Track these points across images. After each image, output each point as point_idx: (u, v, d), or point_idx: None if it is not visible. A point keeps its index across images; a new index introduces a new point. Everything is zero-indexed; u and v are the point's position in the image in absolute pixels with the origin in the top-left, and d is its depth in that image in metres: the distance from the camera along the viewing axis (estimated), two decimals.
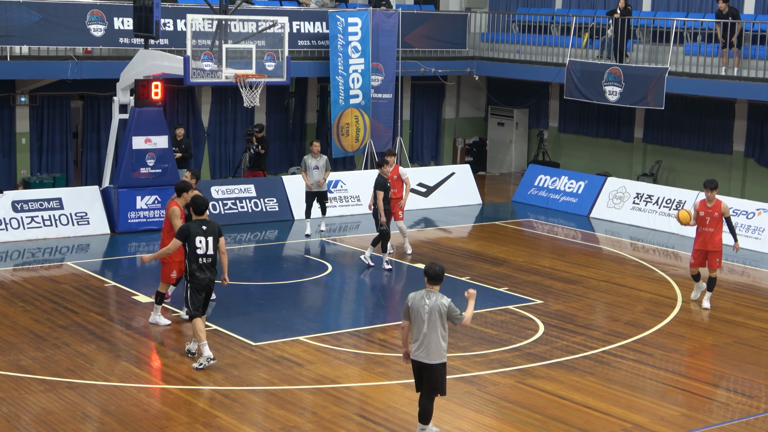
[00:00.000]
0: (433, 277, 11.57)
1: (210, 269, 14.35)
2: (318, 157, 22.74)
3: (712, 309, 17.97)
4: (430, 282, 11.59)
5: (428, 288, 11.60)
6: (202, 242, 14.24)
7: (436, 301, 11.48)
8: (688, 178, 27.58)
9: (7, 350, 14.86)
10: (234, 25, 22.53)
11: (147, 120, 22.35)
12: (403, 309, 11.70)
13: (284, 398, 13.35)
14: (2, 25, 23.16)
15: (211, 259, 14.33)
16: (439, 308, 11.46)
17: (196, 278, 14.29)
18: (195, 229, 14.24)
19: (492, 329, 16.46)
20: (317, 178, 22.55)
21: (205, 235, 14.25)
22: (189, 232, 14.18)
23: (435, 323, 11.47)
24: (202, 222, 14.35)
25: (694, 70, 25.54)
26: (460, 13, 31.17)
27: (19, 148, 25.65)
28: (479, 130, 33.37)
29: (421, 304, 11.50)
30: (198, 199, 14.50)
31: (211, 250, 14.29)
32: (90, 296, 17.38)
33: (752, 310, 18.09)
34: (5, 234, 21.45)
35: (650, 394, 13.93)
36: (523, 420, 12.90)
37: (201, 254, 14.24)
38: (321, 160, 22.74)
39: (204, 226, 14.30)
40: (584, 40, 28.15)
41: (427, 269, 11.63)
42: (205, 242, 14.24)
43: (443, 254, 21.42)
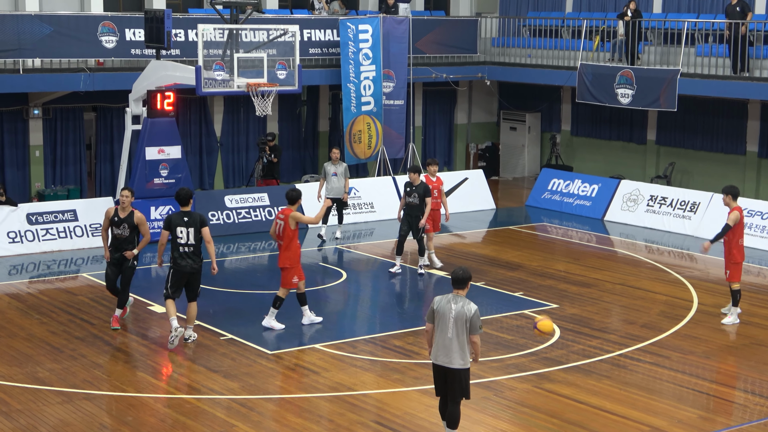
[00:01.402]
0: (458, 281, 11.54)
1: (191, 257, 15.43)
2: (337, 164, 22.91)
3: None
4: (456, 286, 11.56)
5: (455, 292, 11.56)
6: (183, 232, 15.36)
7: (463, 306, 11.43)
8: (702, 179, 27.53)
9: (24, 362, 14.91)
10: (245, 35, 22.59)
11: (160, 130, 22.40)
12: (428, 312, 11.67)
13: (301, 406, 13.36)
14: (14, 38, 23.26)
15: (193, 248, 15.40)
16: (466, 314, 11.41)
17: (178, 265, 15.45)
18: (177, 219, 15.43)
19: (508, 334, 16.44)
20: (336, 185, 22.63)
21: (186, 225, 15.35)
22: (171, 222, 15.41)
23: (461, 328, 11.43)
24: (184, 213, 15.46)
25: (706, 71, 25.50)
26: (470, 19, 31.17)
27: (33, 161, 25.73)
28: (492, 134, 33.35)
29: (447, 308, 11.45)
30: (181, 191, 15.57)
31: (192, 240, 15.36)
32: (106, 307, 17.42)
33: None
34: (20, 246, 21.51)
35: (667, 396, 13.90)
36: (541, 425, 12.89)
37: (182, 243, 15.37)
38: (340, 167, 22.87)
39: (186, 218, 15.40)
40: (595, 43, 28.13)
41: (453, 273, 11.63)
42: (186, 232, 15.36)
43: (458, 260, 21.41)
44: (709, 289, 19.42)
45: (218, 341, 15.97)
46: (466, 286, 11.58)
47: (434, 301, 11.61)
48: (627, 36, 26.86)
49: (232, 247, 22.61)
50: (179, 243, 15.35)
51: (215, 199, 23.92)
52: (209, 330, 16.47)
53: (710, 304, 18.34)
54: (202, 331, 16.38)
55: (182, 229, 15.38)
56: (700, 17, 26.92)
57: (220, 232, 23.35)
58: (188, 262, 15.43)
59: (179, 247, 15.37)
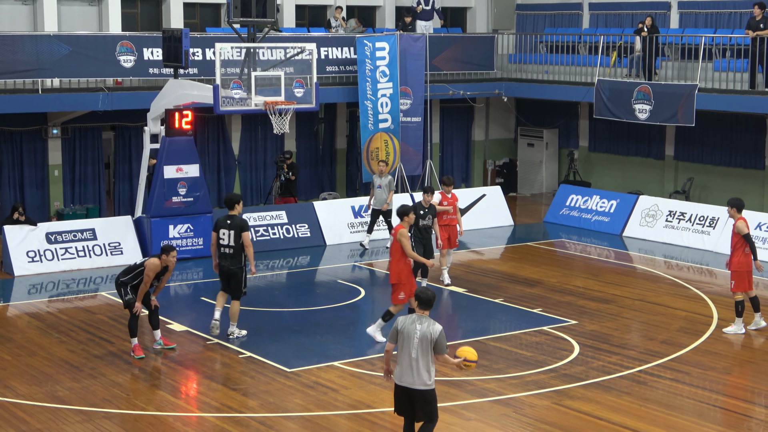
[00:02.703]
0: (425, 302, 11.30)
1: (229, 259, 16.57)
2: (383, 177, 23.36)
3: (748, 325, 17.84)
4: (421, 307, 11.32)
5: (419, 313, 11.34)
6: (225, 234, 16.55)
7: (428, 327, 11.20)
8: (721, 194, 27.39)
9: (43, 381, 14.95)
10: (262, 53, 22.68)
11: (178, 149, 22.48)
12: (390, 332, 11.41)
13: (320, 424, 13.34)
14: (33, 58, 23.39)
15: (232, 250, 16.52)
16: (431, 334, 11.18)
17: (220, 264, 16.68)
18: (222, 222, 16.67)
19: (527, 351, 16.40)
20: (380, 196, 22.80)
21: (229, 228, 16.53)
22: (217, 224, 16.68)
23: (426, 349, 11.20)
24: (228, 217, 16.65)
25: (723, 86, 25.45)
26: (487, 35, 31.20)
27: (51, 180, 25.84)
28: (509, 151, 33.34)
29: (412, 329, 11.21)
30: (228, 195, 17.08)
31: (232, 242, 16.49)
32: (125, 326, 17.39)
33: None
34: (40, 266, 21.59)
35: (688, 413, 13.84)
36: None
37: (223, 244, 16.55)
38: (385, 179, 23.26)
39: (229, 221, 16.59)
40: (612, 58, 28.12)
41: (419, 294, 11.37)
42: (228, 234, 16.51)
43: (476, 276, 21.40)
44: (729, 304, 19.29)
45: (237, 359, 15.99)
46: (431, 307, 11.36)
47: (397, 322, 11.35)
48: (644, 51, 26.84)
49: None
50: (221, 244, 16.57)
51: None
52: (228, 348, 16.49)
53: (730, 319, 18.23)
54: (220, 350, 16.42)
55: (224, 231, 16.58)
56: (717, 32, 26.89)
57: None
58: (227, 263, 16.60)
59: (221, 248, 16.60)
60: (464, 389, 14.63)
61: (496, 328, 17.88)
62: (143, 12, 27.75)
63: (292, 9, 29.40)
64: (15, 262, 21.45)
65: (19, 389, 14.61)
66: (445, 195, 20.66)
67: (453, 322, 18.50)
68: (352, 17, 30.11)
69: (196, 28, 27.72)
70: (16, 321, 18.33)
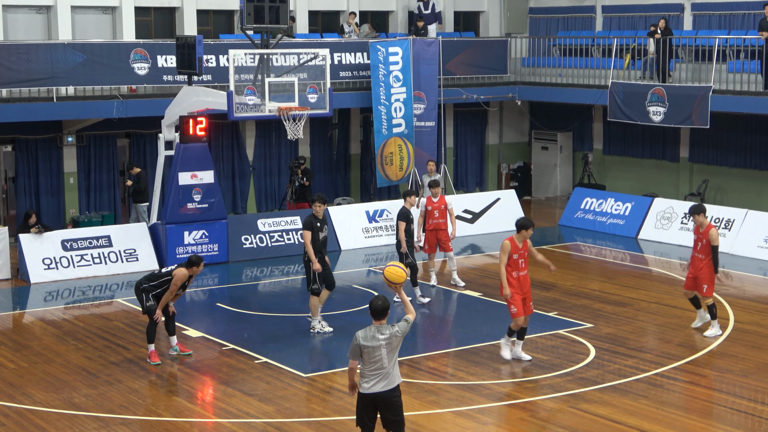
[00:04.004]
0: (378, 312, 11.16)
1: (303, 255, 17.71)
2: (433, 176, 23.46)
3: (765, 327, 17.81)
4: (377, 317, 11.18)
5: (375, 324, 11.19)
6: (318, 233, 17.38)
7: (392, 330, 11.12)
8: (736, 196, 27.39)
9: (60, 388, 15.01)
10: (276, 59, 22.75)
11: (192, 156, 22.54)
12: (351, 348, 11.23)
13: (336, 429, 13.36)
14: (48, 66, 23.50)
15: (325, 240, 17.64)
16: (398, 333, 11.13)
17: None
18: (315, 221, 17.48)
19: (543, 354, 16.39)
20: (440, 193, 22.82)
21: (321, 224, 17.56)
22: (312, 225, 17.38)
23: (394, 351, 11.17)
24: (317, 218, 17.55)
25: (738, 88, 25.41)
26: (500, 39, 31.23)
27: (67, 188, 25.94)
28: (523, 154, 33.35)
29: (374, 341, 11.09)
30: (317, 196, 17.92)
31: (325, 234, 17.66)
32: (141, 332, 17.48)
33: None
34: (55, 273, 21.68)
35: (705, 415, 13.83)
36: None
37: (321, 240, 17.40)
38: (436, 177, 23.33)
39: (318, 223, 17.49)
40: (626, 61, 28.11)
41: (370, 304, 11.22)
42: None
43: (491, 280, 21.39)
44: (745, 306, 19.30)
45: (253, 365, 16.02)
46: (385, 315, 11.20)
47: (357, 337, 11.17)
48: (658, 53, 26.82)
49: (266, 271, 22.69)
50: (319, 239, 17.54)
51: (248, 223, 24.01)
52: (244, 354, 16.53)
53: (747, 321, 18.23)
54: (236, 355, 16.45)
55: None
56: (731, 33, 26.85)
57: (253, 256, 23.45)
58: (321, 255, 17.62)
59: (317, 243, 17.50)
60: (480, 393, 14.64)
61: None
62: (157, 20, 27.84)
63: (305, 15, 29.48)
64: (31, 269, 21.54)
65: (37, 396, 14.67)
66: (431, 199, 20.56)
67: (468, 325, 18.50)
68: (365, 23, 30.18)
69: (209, 35, 27.81)
70: (33, 328, 18.40)
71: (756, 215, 24.10)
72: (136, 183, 24.38)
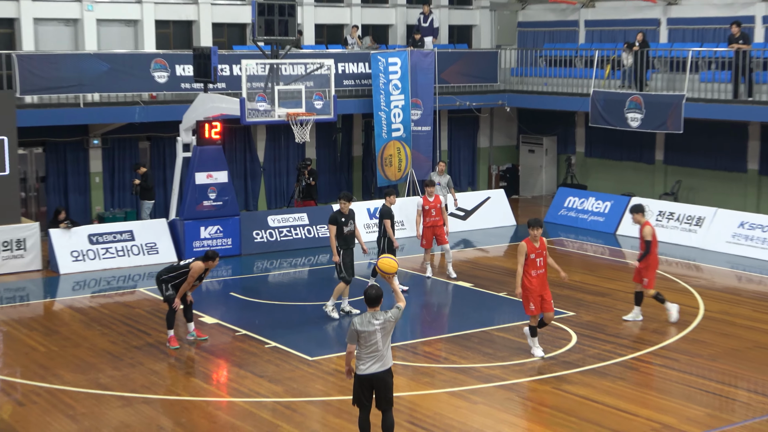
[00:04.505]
0: (372, 300, 11.35)
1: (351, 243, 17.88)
2: (442, 176, 23.52)
3: (732, 315, 17.88)
4: (371, 305, 11.36)
5: (370, 311, 11.36)
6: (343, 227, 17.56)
7: (386, 316, 11.30)
8: (707, 196, 27.46)
9: (87, 370, 15.08)
10: (284, 68, 22.79)
11: (208, 157, 22.59)
12: (349, 334, 11.37)
13: (340, 408, 13.43)
14: (75, 75, 23.54)
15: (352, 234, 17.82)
16: (391, 319, 11.32)
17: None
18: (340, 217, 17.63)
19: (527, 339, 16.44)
20: (438, 193, 22.79)
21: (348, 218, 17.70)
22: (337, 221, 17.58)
23: (388, 335, 11.34)
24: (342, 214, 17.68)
25: (709, 96, 25.45)
26: (491, 51, 31.25)
27: (93, 187, 25.98)
28: (511, 157, 33.38)
29: (370, 326, 11.24)
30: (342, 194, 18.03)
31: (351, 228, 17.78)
32: (161, 319, 17.53)
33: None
34: (83, 264, 21.74)
35: (677, 396, 13.89)
36: (560, 423, 12.92)
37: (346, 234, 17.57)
38: (444, 178, 23.50)
39: (343, 218, 17.60)
40: (606, 71, 28.14)
41: (365, 294, 11.40)
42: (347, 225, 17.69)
43: (482, 272, 21.46)
44: (714, 297, 19.38)
45: (263, 349, 16.09)
46: (378, 303, 11.37)
47: (354, 323, 11.30)
48: (636, 64, 26.86)
49: (275, 263, 22.74)
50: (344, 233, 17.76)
51: (259, 219, 24.07)
52: (255, 339, 16.59)
53: (716, 310, 18.30)
54: (248, 340, 16.52)
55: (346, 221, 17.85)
56: (703, 46, 26.90)
57: (264, 249, 23.51)
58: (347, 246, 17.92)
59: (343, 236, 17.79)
60: (471, 375, 14.71)
61: (500, 320, 17.95)
62: (175, 32, 27.87)
63: (312, 28, 29.52)
64: (60, 261, 21.61)
65: (66, 377, 14.75)
66: (427, 198, 20.61)
67: (460, 313, 18.56)
68: (367, 35, 30.21)
69: (224, 46, 27.83)
70: (62, 315, 18.47)
71: (724, 213, 24.17)
72: (143, 181, 24.43)
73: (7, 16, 25.31)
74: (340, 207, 17.74)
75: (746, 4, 26.79)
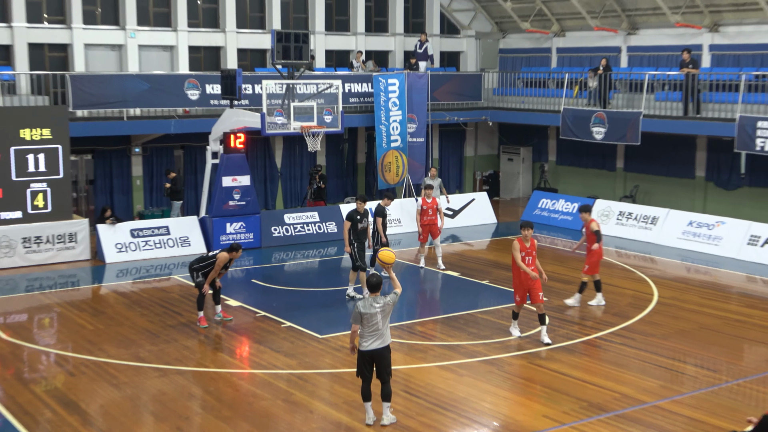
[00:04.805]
0: (374, 286, 11.38)
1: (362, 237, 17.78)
2: (433, 179, 23.52)
3: (681, 301, 17.86)
4: (372, 290, 11.40)
5: (372, 296, 11.40)
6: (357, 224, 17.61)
7: (385, 299, 11.35)
8: (661, 198, 27.45)
9: (129, 345, 15.09)
10: (299, 88, 22.78)
11: (233, 164, 22.58)
12: (353, 315, 11.41)
13: (345, 379, 13.44)
14: (120, 92, 23.54)
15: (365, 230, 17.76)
16: (390, 302, 11.37)
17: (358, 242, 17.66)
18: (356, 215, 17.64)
19: (507, 321, 16.42)
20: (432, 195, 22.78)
21: (362, 216, 17.71)
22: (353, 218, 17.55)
23: (387, 316, 11.37)
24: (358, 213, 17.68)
25: (663, 113, 25.45)
26: (476, 73, 31.23)
27: (134, 188, 25.98)
28: (493, 164, 33.38)
29: (372, 309, 11.28)
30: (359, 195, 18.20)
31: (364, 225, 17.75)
32: (192, 302, 17.56)
33: (714, 302, 17.98)
34: (126, 255, 21.74)
35: (634, 370, 13.89)
36: (534, 392, 12.93)
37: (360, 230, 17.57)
38: (435, 181, 23.53)
39: (358, 216, 17.63)
40: (575, 91, 28.14)
41: (368, 280, 11.45)
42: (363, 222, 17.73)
43: (468, 263, 21.45)
44: (666, 285, 19.37)
45: (280, 328, 16.09)
46: (379, 289, 11.39)
47: (358, 306, 11.34)
48: (600, 86, 26.85)
49: (291, 254, 22.73)
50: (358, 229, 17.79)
51: (277, 217, 24.07)
52: (272, 319, 16.59)
53: (667, 296, 18.30)
54: (267, 321, 16.51)
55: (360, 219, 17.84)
56: (658, 70, 26.89)
57: (281, 243, 23.51)
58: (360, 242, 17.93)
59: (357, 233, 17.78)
60: (458, 352, 14.70)
61: (483, 304, 17.94)
62: (206, 56, 27.86)
63: (323, 53, 29.51)
64: (106, 252, 21.60)
65: (110, 351, 14.76)
66: (425, 200, 20.62)
67: (449, 298, 18.55)
68: (370, 59, 30.19)
69: (247, 68, 27.84)
70: (107, 298, 18.47)
71: (676, 213, 24.17)
72: (173, 185, 24.43)
73: (62, 42, 25.30)
74: (357, 207, 17.86)
75: (695, 35, 26.77)
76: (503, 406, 12.44)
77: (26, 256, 21.00)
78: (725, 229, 22.74)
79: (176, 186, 24.48)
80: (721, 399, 12.73)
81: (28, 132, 20.84)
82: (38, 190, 21.18)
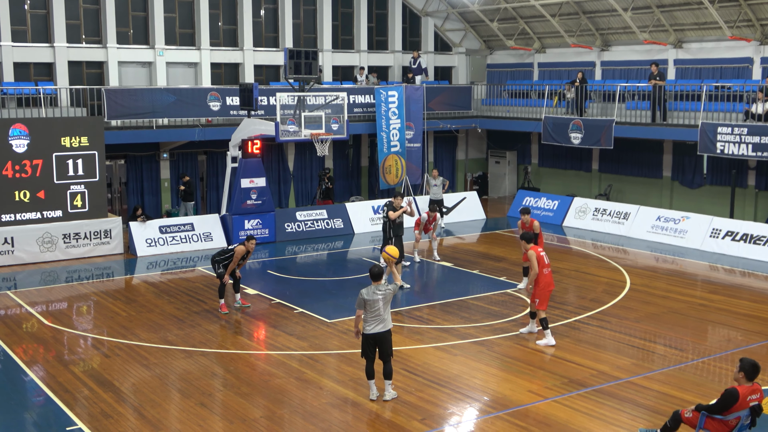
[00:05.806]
0: (377, 276, 11.29)
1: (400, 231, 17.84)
2: (436, 179, 23.74)
3: (651, 288, 17.77)
4: (375, 279, 11.30)
5: (374, 284, 11.30)
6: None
7: (386, 288, 11.27)
8: (632, 196, 27.36)
9: (158, 329, 15.03)
10: (309, 99, 22.73)
11: (250, 167, 22.50)
12: (357, 302, 11.31)
13: (351, 359, 13.36)
14: (150, 104, 23.47)
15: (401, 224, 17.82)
16: (393, 289, 11.30)
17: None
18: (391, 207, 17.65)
19: (495, 306, 16.38)
20: (435, 191, 22.63)
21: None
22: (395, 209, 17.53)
23: (388, 303, 11.28)
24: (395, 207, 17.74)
25: (633, 120, 25.35)
26: (466, 86, 31.11)
27: (162, 190, 25.91)
28: (482, 166, 33.29)
29: (374, 296, 11.19)
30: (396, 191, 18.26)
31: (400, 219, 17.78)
32: (214, 291, 17.51)
33: (680, 288, 17.88)
34: (155, 249, 21.66)
35: (609, 349, 13.80)
36: (519, 370, 12.83)
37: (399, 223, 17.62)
38: (438, 180, 23.76)
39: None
40: (554, 101, 28.04)
41: (370, 270, 11.34)
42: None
43: (460, 254, 21.36)
44: (638, 273, 19.28)
45: (292, 313, 16.01)
46: (381, 278, 11.29)
47: (362, 293, 11.24)
48: (577, 96, 26.76)
49: (302, 248, 22.66)
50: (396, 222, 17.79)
51: (290, 215, 23.99)
52: (286, 306, 16.51)
53: (639, 284, 18.20)
54: (281, 307, 16.43)
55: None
56: (629, 82, 26.78)
57: (294, 237, 23.43)
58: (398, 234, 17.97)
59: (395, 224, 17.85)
60: (452, 334, 14.62)
61: (474, 291, 17.86)
62: (226, 71, 27.77)
63: (330, 69, 29.42)
64: (138, 247, 21.52)
65: (142, 335, 14.69)
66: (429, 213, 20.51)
67: (443, 286, 18.47)
68: (372, 73, 30.10)
69: (263, 82, 27.74)
70: (139, 288, 18.39)
71: (645, 209, 24.07)
72: (186, 187, 24.37)
73: (98, 60, 25.21)
74: (394, 203, 17.83)
75: (661, 50, 26.66)
76: (492, 383, 12.35)
77: (66, 250, 20.93)
78: (689, 223, 22.64)
79: (189, 189, 24.43)
80: (687, 375, 12.63)
81: (68, 140, 20.77)
82: (77, 191, 21.11)
